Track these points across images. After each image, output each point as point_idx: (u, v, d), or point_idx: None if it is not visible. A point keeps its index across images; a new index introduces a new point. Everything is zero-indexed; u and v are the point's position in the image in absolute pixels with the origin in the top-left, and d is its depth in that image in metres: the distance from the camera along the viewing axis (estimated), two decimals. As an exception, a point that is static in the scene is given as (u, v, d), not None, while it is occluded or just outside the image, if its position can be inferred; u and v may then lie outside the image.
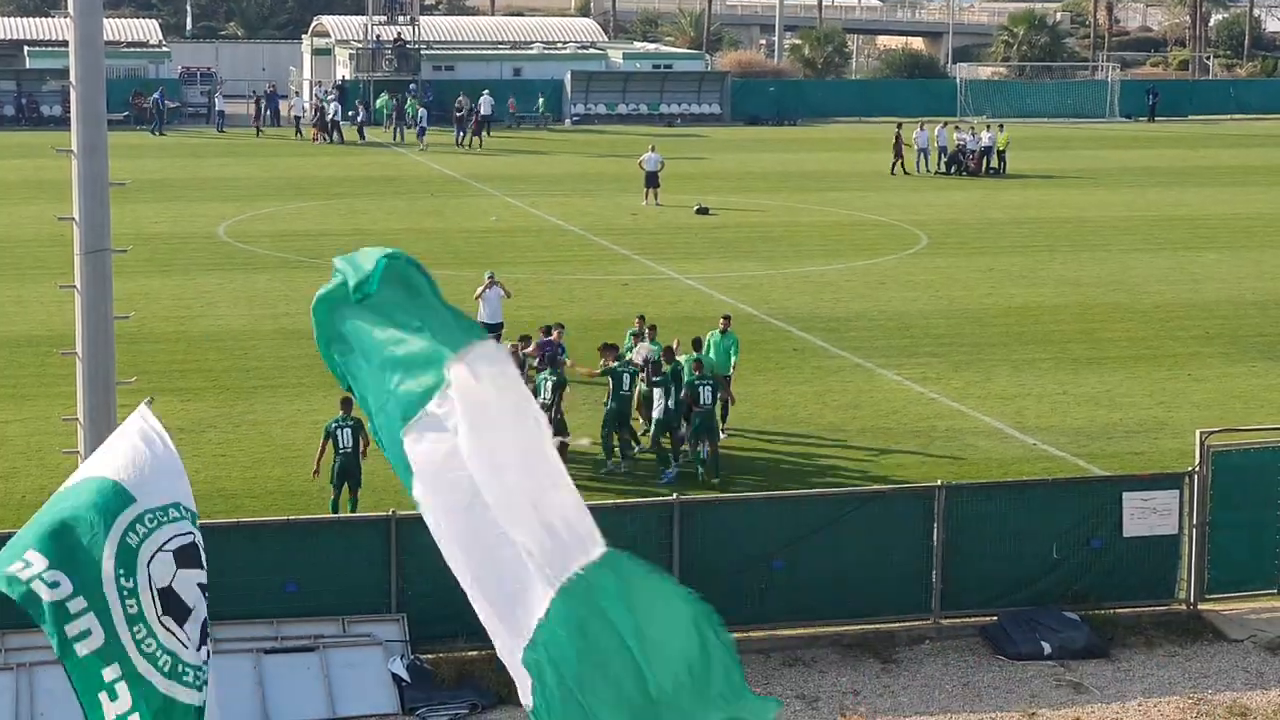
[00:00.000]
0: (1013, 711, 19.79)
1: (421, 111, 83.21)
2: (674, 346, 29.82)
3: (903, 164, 71.24)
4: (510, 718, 19.36)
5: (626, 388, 28.59)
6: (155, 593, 6.60)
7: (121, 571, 6.53)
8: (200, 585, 6.80)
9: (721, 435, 29.16)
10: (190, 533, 6.82)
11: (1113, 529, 22.52)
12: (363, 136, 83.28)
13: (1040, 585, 22.26)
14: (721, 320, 31.41)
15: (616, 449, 28.57)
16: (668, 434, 28.33)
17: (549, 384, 27.89)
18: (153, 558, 6.62)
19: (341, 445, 25.60)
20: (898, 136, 71.87)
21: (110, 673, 6.47)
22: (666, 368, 28.84)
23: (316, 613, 20.59)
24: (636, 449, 29.09)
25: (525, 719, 19.42)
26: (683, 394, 28.07)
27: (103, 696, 6.48)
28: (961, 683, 20.63)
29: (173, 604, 6.64)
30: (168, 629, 6.60)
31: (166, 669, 6.54)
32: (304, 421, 31.09)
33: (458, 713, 19.49)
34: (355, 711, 19.54)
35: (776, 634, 21.56)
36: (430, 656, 20.34)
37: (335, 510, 25.39)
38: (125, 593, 6.52)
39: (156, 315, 39.68)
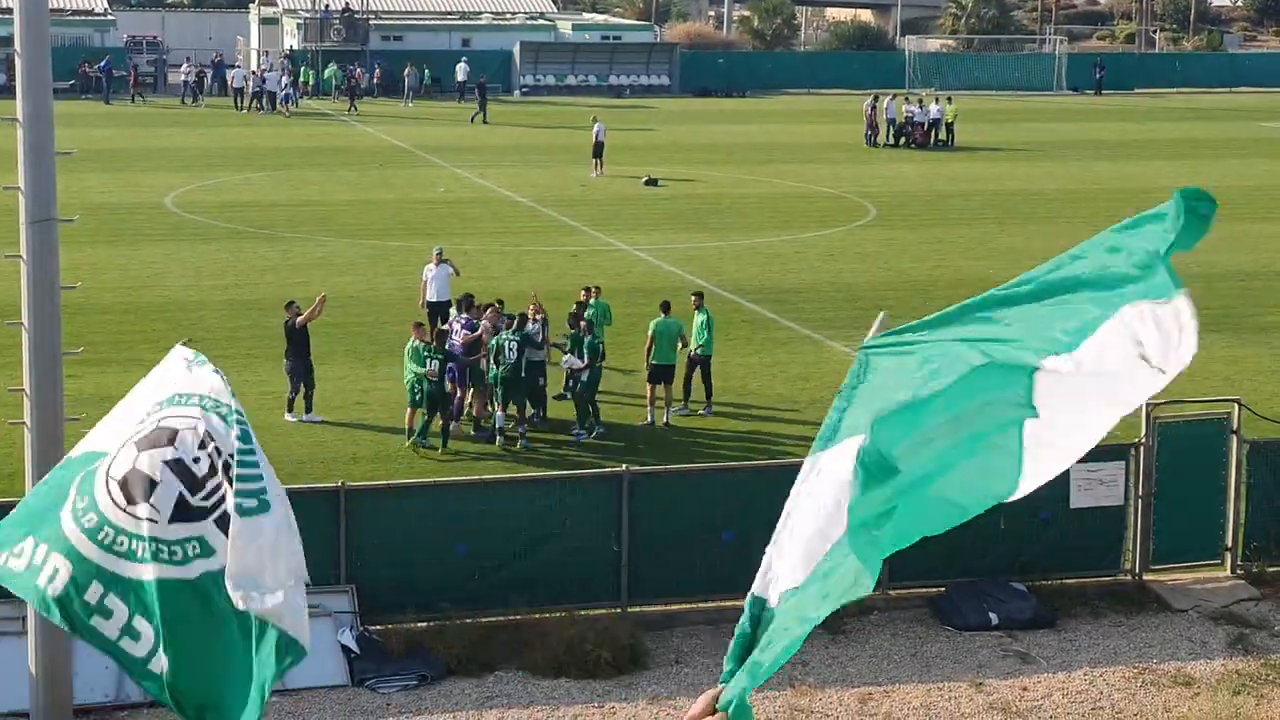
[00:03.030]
0: (960, 681, 19.91)
1: (285, 79, 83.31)
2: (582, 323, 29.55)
3: (877, 135, 71.82)
4: (459, 689, 19.38)
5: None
6: (113, 488, 6.22)
7: (80, 499, 6.21)
8: (168, 461, 6.34)
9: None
10: (186, 416, 6.35)
11: (1060, 500, 22.65)
12: (271, 107, 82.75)
13: (988, 556, 22.36)
14: (694, 298, 30.96)
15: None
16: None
17: (514, 345, 27.84)
18: (113, 460, 6.26)
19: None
20: (873, 109, 72.47)
21: (93, 593, 6.13)
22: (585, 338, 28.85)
23: (265, 584, 20.53)
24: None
25: (475, 690, 19.37)
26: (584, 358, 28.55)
27: (98, 622, 6.12)
28: (910, 653, 20.74)
29: (131, 488, 6.24)
30: (131, 515, 6.21)
31: (141, 555, 6.17)
32: (252, 392, 30.97)
33: (407, 684, 19.49)
34: (305, 683, 19.50)
35: (726, 605, 21.60)
36: (379, 628, 20.33)
37: (424, 435, 27.50)
38: (79, 512, 6.18)
39: (103, 286, 39.44)
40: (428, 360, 27.42)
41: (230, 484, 6.16)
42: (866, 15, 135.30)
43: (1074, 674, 20.18)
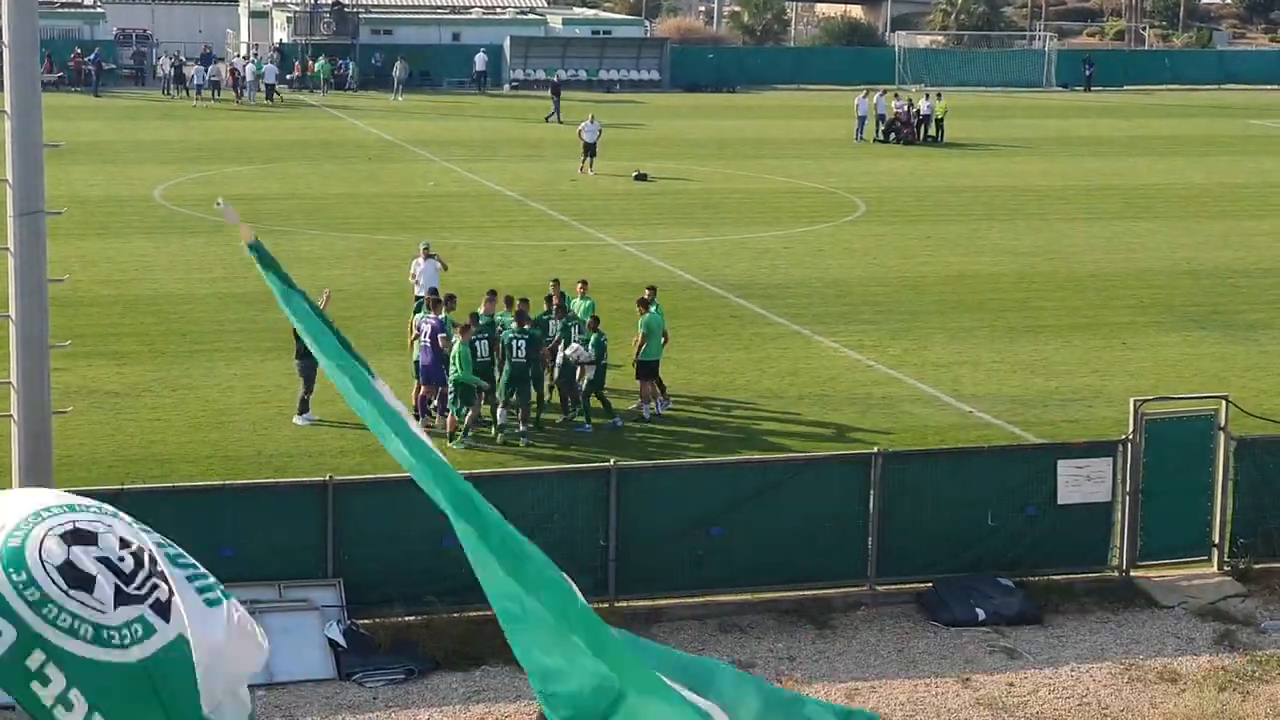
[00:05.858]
0: (948, 677, 19.91)
1: (253, 70, 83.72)
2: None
3: (887, 130, 72.24)
4: (446, 683, 19.38)
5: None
6: (52, 572, 6.51)
7: (16, 573, 6.47)
8: (99, 559, 6.68)
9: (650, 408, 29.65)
10: (69, 520, 6.75)
11: (1047, 496, 22.66)
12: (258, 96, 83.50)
13: (975, 552, 22.38)
14: (647, 290, 30.61)
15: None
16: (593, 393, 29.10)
17: (521, 344, 27.78)
18: (41, 545, 6.56)
19: (479, 355, 27.83)
20: (908, 104, 73.06)
21: (34, 660, 6.38)
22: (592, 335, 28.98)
23: (252, 578, 20.50)
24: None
25: (462, 685, 19.34)
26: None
27: (37, 688, 6.36)
28: (897, 649, 20.75)
29: (71, 577, 6.54)
30: (76, 600, 6.53)
31: (90, 637, 6.48)
32: (240, 386, 30.96)
33: (394, 678, 19.48)
34: (292, 677, 19.48)
35: (713, 600, 21.62)
36: (367, 622, 20.31)
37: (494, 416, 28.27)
38: (20, 586, 6.44)
39: (92, 279, 39.39)
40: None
41: (164, 580, 6.73)
42: (856, 11, 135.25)
43: (1061, 670, 20.20)
